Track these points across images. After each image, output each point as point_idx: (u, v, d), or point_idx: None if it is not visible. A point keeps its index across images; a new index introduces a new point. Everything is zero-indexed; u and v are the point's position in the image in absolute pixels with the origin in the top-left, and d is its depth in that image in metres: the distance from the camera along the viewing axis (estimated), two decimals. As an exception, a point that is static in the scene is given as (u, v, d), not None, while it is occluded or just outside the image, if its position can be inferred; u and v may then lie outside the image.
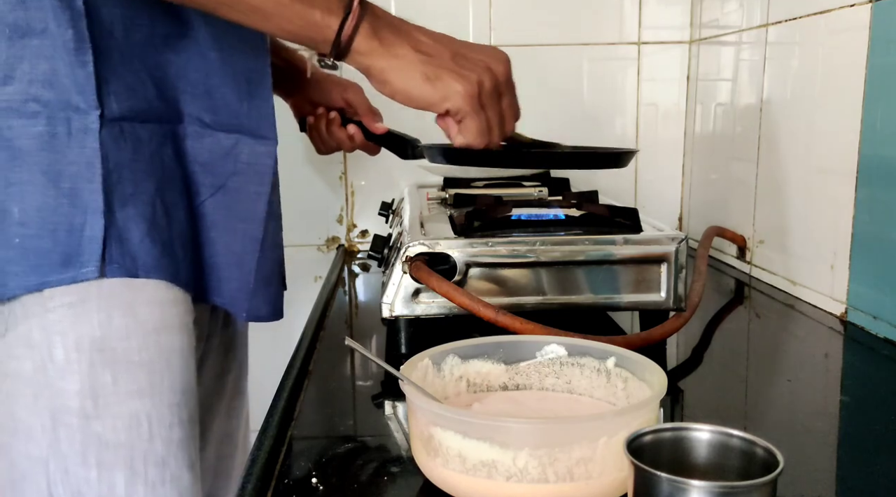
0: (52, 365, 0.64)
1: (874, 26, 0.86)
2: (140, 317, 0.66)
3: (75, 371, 0.64)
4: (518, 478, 0.50)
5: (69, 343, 0.64)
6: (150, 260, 0.66)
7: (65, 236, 0.63)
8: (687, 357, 0.87)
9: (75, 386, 0.64)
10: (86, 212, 0.63)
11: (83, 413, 0.64)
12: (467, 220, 0.87)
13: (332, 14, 0.64)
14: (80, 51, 0.62)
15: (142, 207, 0.66)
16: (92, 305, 0.64)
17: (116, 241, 0.64)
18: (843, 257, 0.93)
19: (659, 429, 0.46)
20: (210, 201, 0.72)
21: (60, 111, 0.62)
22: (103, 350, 0.65)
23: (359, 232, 1.50)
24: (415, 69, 0.68)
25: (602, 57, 1.45)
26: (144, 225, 0.66)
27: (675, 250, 0.83)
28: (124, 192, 0.65)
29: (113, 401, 0.65)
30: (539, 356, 0.65)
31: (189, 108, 0.69)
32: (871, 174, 0.88)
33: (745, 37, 1.22)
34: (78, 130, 0.63)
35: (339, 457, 0.61)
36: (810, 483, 0.55)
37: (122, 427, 0.65)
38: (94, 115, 0.63)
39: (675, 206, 1.49)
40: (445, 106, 0.70)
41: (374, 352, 0.59)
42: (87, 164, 0.63)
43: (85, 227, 0.63)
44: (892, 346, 0.84)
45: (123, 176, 0.65)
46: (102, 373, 0.65)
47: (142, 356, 0.66)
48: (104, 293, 0.65)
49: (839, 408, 0.71)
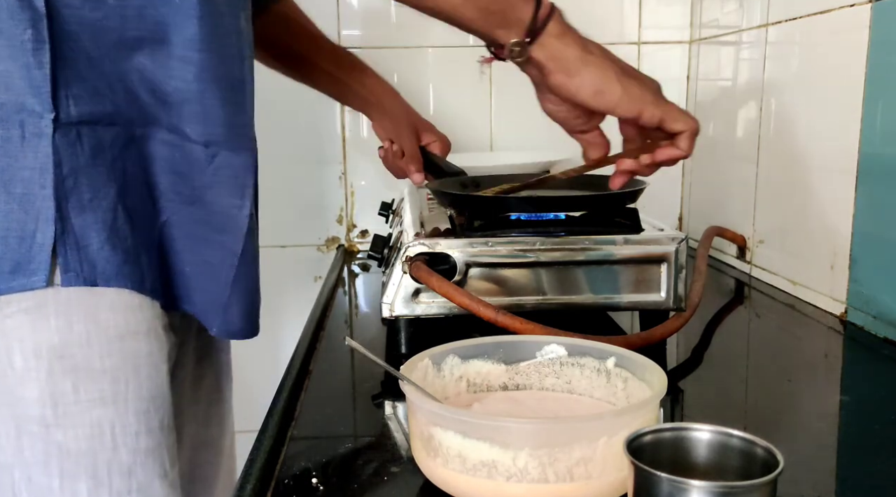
0: (12, 372, 0.63)
1: (874, 26, 0.86)
2: (102, 323, 0.64)
3: (34, 378, 0.63)
4: (518, 478, 0.50)
5: (27, 350, 0.63)
6: (110, 268, 0.64)
7: (16, 243, 0.62)
8: (687, 357, 0.87)
9: (34, 393, 0.63)
10: (38, 218, 0.62)
11: (43, 421, 0.63)
12: (467, 220, 0.88)
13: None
14: (37, 52, 0.60)
15: (101, 214, 0.64)
16: (50, 311, 0.63)
17: (73, 248, 0.63)
18: (843, 257, 0.93)
19: (659, 429, 0.46)
20: (184, 211, 0.70)
21: (14, 114, 0.61)
22: (63, 357, 0.63)
23: (359, 232, 1.50)
24: (606, 65, 0.67)
25: (602, 57, 1.44)
26: (104, 232, 0.64)
27: (675, 250, 0.83)
28: (82, 198, 0.63)
29: (74, 409, 0.64)
30: (539, 356, 0.65)
31: (163, 116, 0.67)
32: (871, 174, 0.88)
33: (745, 37, 1.22)
34: (31, 134, 0.61)
35: (339, 457, 0.61)
36: (810, 483, 0.55)
37: (83, 435, 0.64)
38: (48, 119, 0.61)
39: (675, 206, 1.50)
40: (638, 106, 0.69)
41: (374, 352, 0.59)
42: (41, 169, 0.61)
43: (36, 234, 0.62)
44: (892, 346, 0.84)
45: (80, 182, 0.63)
46: (62, 380, 0.63)
47: (104, 363, 0.64)
48: (62, 299, 0.63)
49: (839, 408, 0.71)
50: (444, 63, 1.44)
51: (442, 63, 1.44)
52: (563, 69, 0.67)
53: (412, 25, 1.42)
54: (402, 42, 1.42)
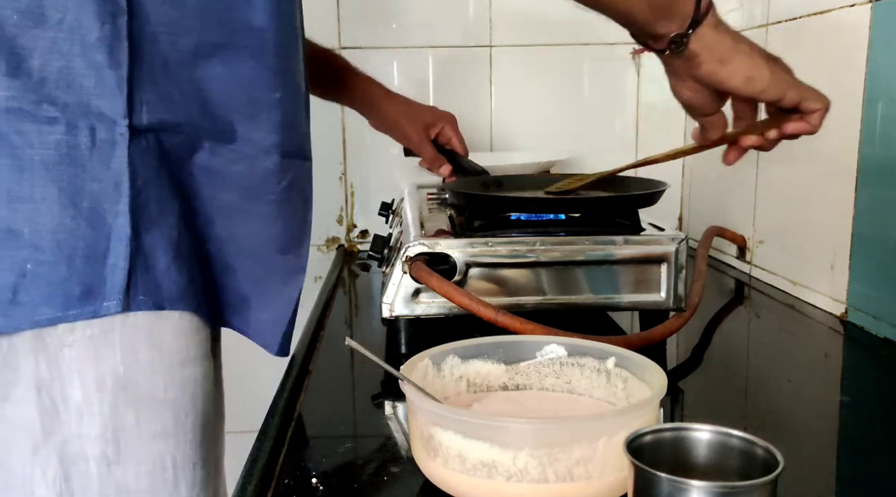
0: (66, 408, 0.57)
1: (874, 26, 0.86)
2: (165, 349, 0.60)
3: (96, 412, 0.57)
4: (518, 478, 0.49)
5: (89, 381, 0.57)
6: (175, 289, 0.59)
7: (82, 264, 0.55)
8: (687, 357, 0.87)
9: (96, 430, 0.57)
10: (109, 237, 0.56)
11: (105, 459, 0.58)
12: (467, 220, 0.88)
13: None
14: (114, 50, 0.54)
15: (167, 231, 0.59)
16: (116, 337, 0.57)
17: (143, 269, 0.57)
18: (843, 257, 0.93)
19: (659, 429, 0.45)
20: (248, 229, 0.65)
21: (81, 117, 0.55)
22: (127, 387, 0.58)
23: (359, 232, 1.50)
24: (755, 52, 0.68)
25: (602, 57, 1.45)
26: (171, 251, 0.59)
27: (675, 250, 0.83)
28: (151, 213, 0.58)
29: (135, 443, 0.59)
30: (539, 356, 0.65)
31: (238, 127, 0.62)
32: (871, 174, 0.88)
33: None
34: (103, 142, 0.55)
35: (339, 457, 0.61)
36: (810, 483, 0.55)
37: (144, 472, 0.59)
38: (123, 125, 0.55)
39: (675, 206, 1.50)
40: (782, 88, 0.70)
41: (374, 352, 0.59)
42: (114, 181, 0.56)
43: (108, 254, 0.56)
44: (892, 346, 0.84)
45: (150, 196, 0.58)
46: (125, 413, 0.58)
47: (167, 393, 0.60)
48: (129, 324, 0.58)
49: (839, 408, 0.71)
50: (444, 63, 1.44)
51: (442, 63, 1.44)
52: (717, 58, 0.68)
53: (412, 25, 1.42)
54: (402, 42, 1.42)
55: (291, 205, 0.68)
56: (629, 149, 1.49)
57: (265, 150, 0.64)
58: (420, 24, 1.43)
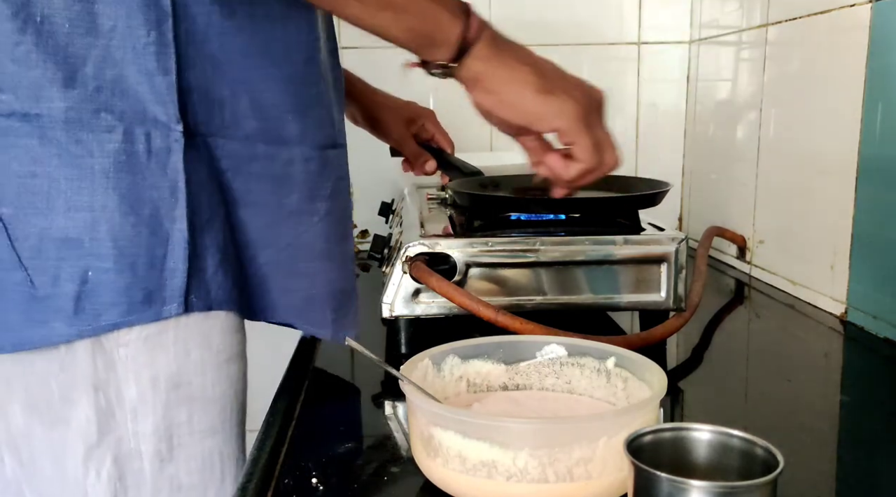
0: (120, 407, 0.58)
1: (874, 26, 0.86)
2: (214, 347, 0.61)
3: (150, 411, 0.58)
4: (518, 478, 0.49)
5: (144, 381, 0.58)
6: (222, 293, 0.60)
7: (145, 270, 0.56)
8: (687, 357, 0.87)
9: (150, 427, 0.58)
10: (167, 242, 0.57)
11: (157, 456, 0.59)
12: (467, 220, 0.88)
13: (456, 17, 0.61)
14: (161, 55, 0.55)
15: (215, 234, 0.60)
16: (169, 337, 0.58)
17: (196, 273, 0.58)
18: (843, 257, 0.93)
19: (659, 429, 0.45)
20: (313, 230, 0.67)
21: (138, 125, 0.55)
22: (179, 385, 0.59)
23: (359, 232, 1.50)
24: (528, 82, 0.64)
25: (602, 57, 1.45)
26: (218, 255, 0.60)
27: (675, 250, 0.83)
28: (201, 218, 0.59)
29: (187, 441, 0.60)
30: (539, 356, 0.65)
31: (295, 127, 0.63)
32: (871, 174, 0.88)
33: (745, 37, 1.22)
34: (159, 148, 0.56)
35: (339, 457, 0.61)
36: (810, 483, 0.55)
37: (195, 469, 0.61)
38: (178, 131, 0.56)
39: (675, 206, 1.50)
40: (556, 123, 0.65)
41: (374, 352, 0.59)
42: (171, 187, 0.56)
43: (167, 259, 0.57)
44: (892, 346, 0.84)
45: (200, 200, 0.58)
46: (178, 411, 0.59)
47: (215, 390, 0.62)
48: (181, 324, 0.59)
49: (839, 408, 0.71)
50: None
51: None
52: (482, 87, 0.64)
53: (412, 25, 1.42)
54: (402, 42, 1.42)
55: (342, 195, 0.70)
56: (629, 149, 1.49)
57: (318, 146, 0.65)
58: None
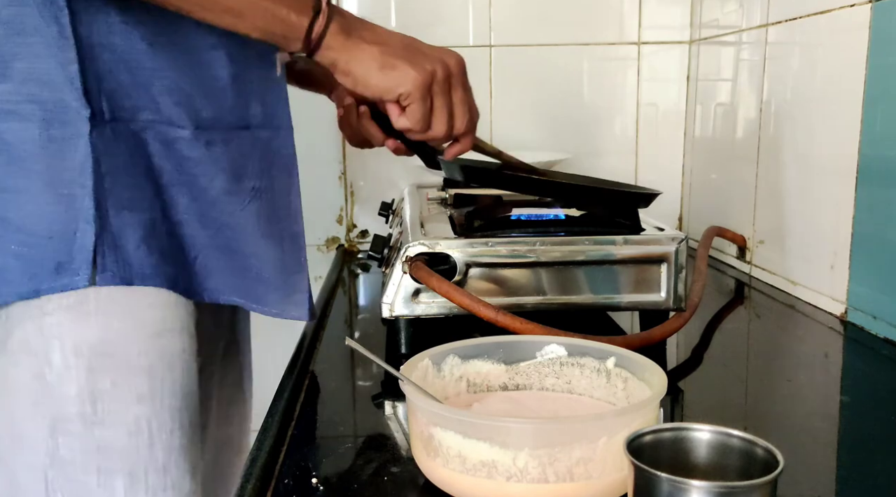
0: (50, 370, 0.63)
1: (874, 26, 0.86)
2: (140, 320, 0.65)
3: (73, 376, 0.63)
4: (518, 478, 0.49)
5: (67, 347, 0.63)
6: (146, 268, 0.65)
7: (59, 243, 0.62)
8: (687, 357, 0.87)
9: (73, 390, 0.63)
10: (78, 218, 0.62)
11: (83, 418, 0.64)
12: (467, 220, 0.88)
13: (303, 13, 0.65)
14: (64, 48, 0.61)
15: (139, 214, 0.65)
16: (90, 308, 0.63)
17: (111, 248, 0.63)
18: (843, 257, 0.93)
19: (659, 429, 0.46)
20: (245, 210, 0.70)
21: (57, 113, 0.61)
22: (102, 354, 0.64)
23: (359, 232, 1.50)
24: (373, 59, 0.69)
25: (602, 57, 1.45)
26: (140, 231, 0.65)
27: (675, 250, 0.83)
28: (120, 197, 0.64)
29: (113, 406, 0.64)
30: (539, 356, 0.65)
31: (205, 112, 0.67)
32: (871, 174, 0.88)
33: (745, 37, 1.22)
34: (72, 133, 0.62)
35: (339, 457, 0.61)
36: (810, 483, 0.55)
37: (122, 433, 0.65)
38: (84, 117, 0.62)
39: (675, 206, 1.50)
40: (397, 92, 0.70)
41: (374, 352, 0.59)
42: (80, 168, 0.62)
43: (77, 233, 0.63)
44: (892, 346, 0.84)
45: (119, 181, 0.63)
46: (102, 377, 0.64)
47: (142, 360, 0.65)
48: (102, 297, 0.64)
49: (839, 408, 0.71)
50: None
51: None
52: (339, 71, 0.69)
53: (411, 25, 1.42)
54: (402, 42, 1.42)
55: (278, 175, 0.73)
56: (629, 149, 1.49)
57: (237, 127, 0.69)
58: (420, 24, 1.43)
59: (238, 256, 0.71)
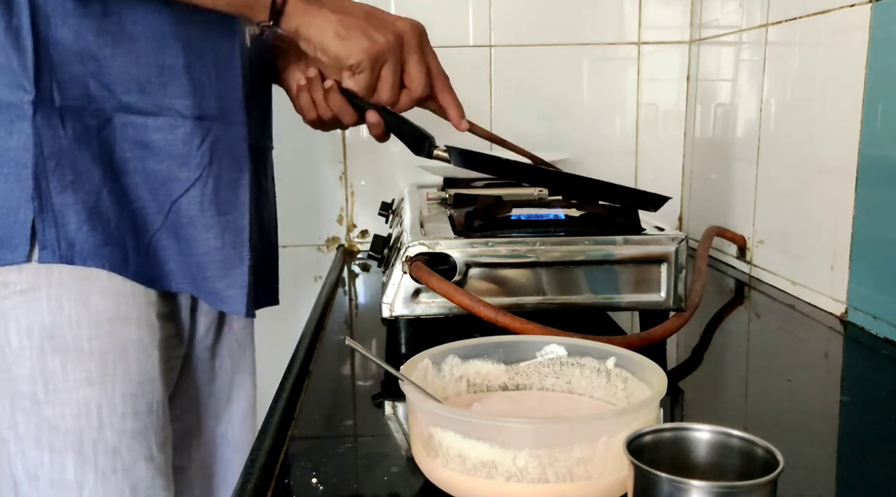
0: (9, 349, 0.67)
1: (874, 26, 0.86)
2: (92, 307, 0.68)
3: (27, 357, 0.67)
4: (518, 478, 0.49)
5: (21, 329, 0.67)
6: (88, 247, 0.67)
7: (2, 219, 0.66)
8: (687, 357, 0.87)
9: (26, 371, 0.67)
10: (21, 197, 0.66)
11: (34, 398, 0.67)
12: (467, 220, 0.87)
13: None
14: (18, 38, 0.64)
15: (83, 195, 0.67)
16: (42, 293, 0.67)
17: (51, 226, 0.66)
18: (843, 257, 0.93)
19: (659, 429, 0.46)
20: (186, 197, 0.72)
21: (8, 97, 0.65)
22: (53, 337, 0.67)
23: (359, 232, 1.50)
24: (330, 26, 0.71)
25: (602, 57, 1.45)
26: (84, 212, 0.67)
27: (675, 250, 0.83)
28: (64, 179, 0.66)
29: (62, 387, 0.67)
30: (539, 356, 0.65)
31: (154, 96, 0.70)
32: (871, 174, 0.88)
33: (745, 37, 1.22)
34: (16, 117, 0.65)
35: (339, 457, 0.61)
36: (810, 483, 0.55)
37: (70, 413, 0.68)
38: (28, 101, 0.65)
39: (675, 206, 1.50)
40: (349, 62, 0.72)
41: (374, 352, 0.59)
42: (23, 149, 0.65)
43: (19, 211, 0.66)
44: (892, 346, 0.84)
45: (63, 163, 0.66)
46: (52, 359, 0.67)
47: (92, 345, 0.68)
48: (54, 281, 0.67)
49: (839, 408, 0.71)
50: (443, 62, 1.44)
51: (442, 62, 1.44)
52: (301, 37, 0.72)
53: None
54: (402, 42, 1.42)
55: (220, 165, 0.74)
56: (629, 149, 1.49)
57: (184, 116, 0.71)
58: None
59: (183, 243, 0.73)
